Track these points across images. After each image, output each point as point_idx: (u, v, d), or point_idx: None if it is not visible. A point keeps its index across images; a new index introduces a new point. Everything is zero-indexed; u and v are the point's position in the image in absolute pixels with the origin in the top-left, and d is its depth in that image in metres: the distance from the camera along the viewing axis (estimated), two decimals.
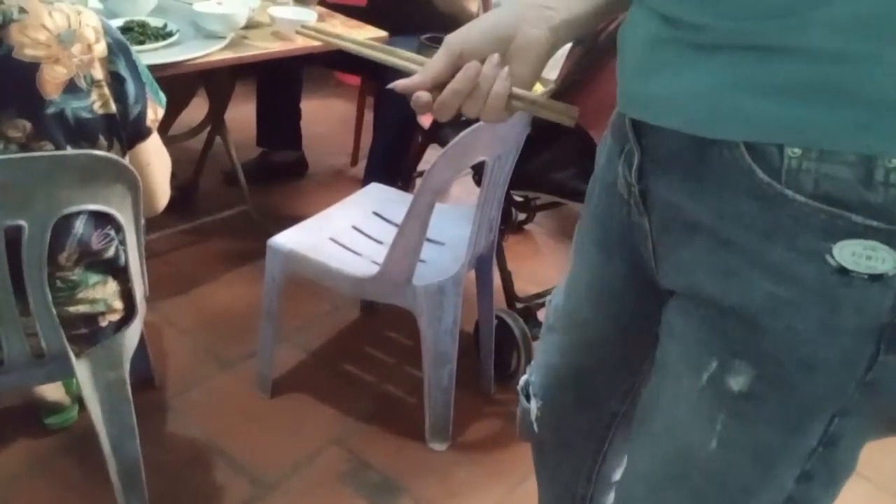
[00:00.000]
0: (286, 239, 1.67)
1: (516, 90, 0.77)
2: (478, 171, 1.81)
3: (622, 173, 0.79)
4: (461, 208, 1.86)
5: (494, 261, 1.89)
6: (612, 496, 1.12)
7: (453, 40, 0.79)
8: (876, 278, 0.59)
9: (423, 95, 0.79)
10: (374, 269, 1.58)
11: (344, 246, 1.73)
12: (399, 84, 0.81)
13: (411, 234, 1.48)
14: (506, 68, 0.77)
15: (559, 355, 1.00)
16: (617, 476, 1.09)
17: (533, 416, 1.05)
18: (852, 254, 0.59)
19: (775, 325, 0.64)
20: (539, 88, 2.08)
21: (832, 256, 0.60)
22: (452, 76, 0.78)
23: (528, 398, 1.06)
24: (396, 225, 1.62)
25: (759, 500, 0.73)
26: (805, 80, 0.57)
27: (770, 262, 0.63)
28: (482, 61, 0.77)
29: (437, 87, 0.79)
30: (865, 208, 0.57)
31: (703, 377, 0.71)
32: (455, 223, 1.76)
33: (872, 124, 0.56)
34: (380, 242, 1.75)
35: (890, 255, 0.58)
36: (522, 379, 1.08)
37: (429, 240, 1.63)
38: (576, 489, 1.13)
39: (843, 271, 0.60)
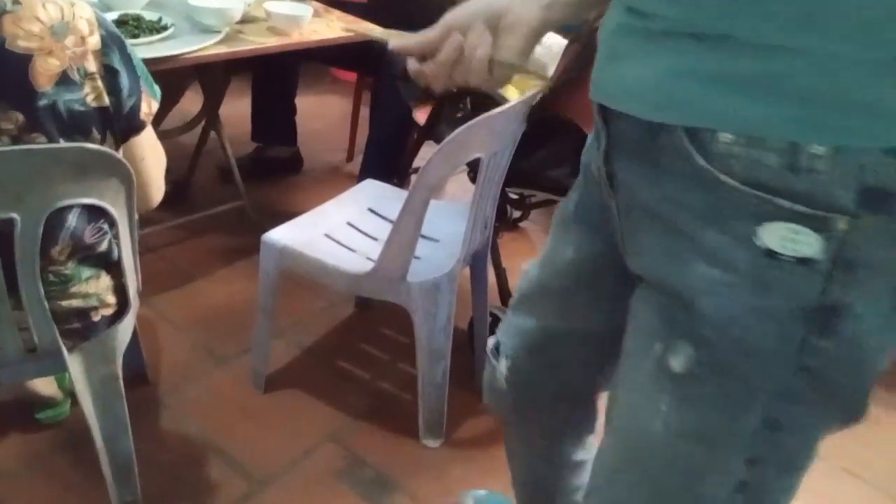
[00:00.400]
0: (280, 235, 1.66)
1: (498, 57, 0.82)
2: (473, 168, 1.81)
3: (594, 155, 0.83)
4: (456, 205, 1.86)
5: (489, 258, 1.88)
6: (576, 478, 1.15)
7: (448, 16, 0.85)
8: (803, 262, 0.61)
9: (414, 63, 0.87)
10: (369, 266, 1.57)
11: (339, 242, 1.72)
12: (395, 43, 0.89)
13: (406, 230, 1.48)
14: (488, 37, 0.81)
15: (533, 320, 1.02)
16: (578, 456, 1.13)
17: (502, 376, 1.07)
18: (779, 237, 0.61)
19: (711, 308, 0.66)
20: (536, 83, 2.08)
21: (760, 239, 0.62)
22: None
23: (497, 359, 1.08)
24: (391, 221, 1.62)
25: (709, 482, 0.74)
26: (738, 69, 0.60)
27: (706, 245, 0.65)
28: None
29: (431, 56, 0.86)
30: (790, 193, 0.60)
31: (650, 360, 0.73)
32: (450, 220, 1.76)
33: (799, 114, 0.58)
34: (374, 239, 1.75)
35: (815, 240, 0.60)
36: (491, 341, 1.09)
37: (423, 236, 1.63)
38: (536, 470, 1.16)
39: (771, 254, 0.62)
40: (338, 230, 1.76)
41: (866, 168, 0.58)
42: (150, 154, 1.25)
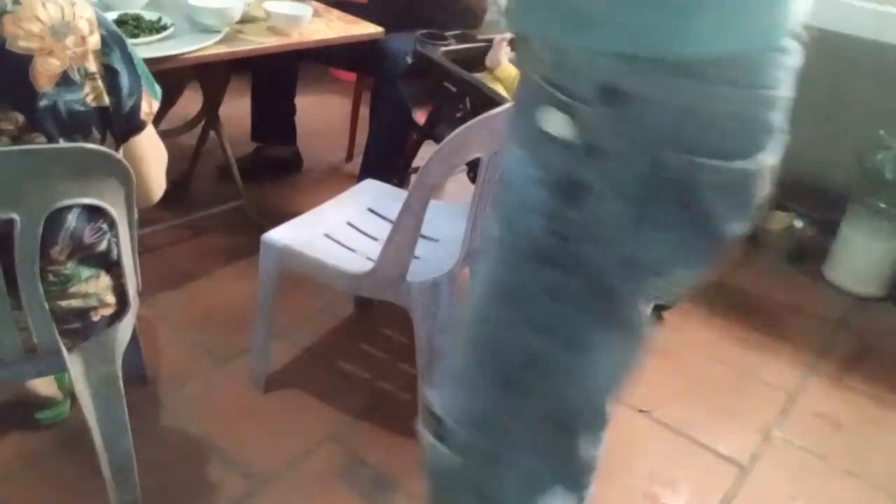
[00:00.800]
0: (280, 235, 1.66)
1: None
2: (473, 169, 1.81)
3: None
4: (456, 205, 1.85)
5: None
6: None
7: None
8: (563, 142, 0.77)
9: None
10: (369, 266, 1.57)
11: (338, 242, 1.72)
12: None
13: (406, 230, 1.48)
14: None
15: None
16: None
17: None
18: (547, 119, 0.78)
19: (507, 174, 0.87)
20: None
21: (538, 120, 0.79)
22: None
23: None
24: (391, 221, 1.61)
25: (506, 344, 0.88)
26: None
27: (517, 127, 0.86)
28: None
29: None
30: (556, 84, 0.77)
31: (484, 235, 0.92)
32: (450, 220, 1.75)
33: (566, 25, 0.75)
34: (374, 239, 1.75)
35: (568, 123, 0.76)
36: None
37: (423, 236, 1.62)
38: None
39: (544, 133, 0.78)
40: (338, 230, 1.76)
41: (601, 68, 0.73)
42: (150, 153, 1.25)
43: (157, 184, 1.29)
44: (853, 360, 2.18)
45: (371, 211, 1.86)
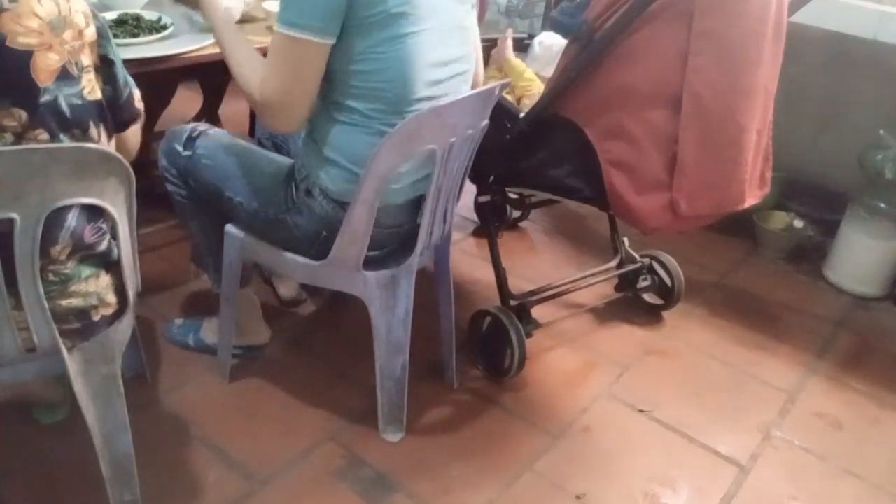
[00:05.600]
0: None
1: None
2: None
3: None
4: None
5: (451, 253, 1.86)
6: None
7: None
8: None
9: None
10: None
11: None
12: None
13: (359, 220, 1.47)
14: None
15: None
16: None
17: None
18: None
19: None
20: (538, 86, 2.08)
21: None
22: None
23: None
24: None
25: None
26: None
27: None
28: None
29: None
30: None
31: None
32: None
33: None
34: None
35: None
36: None
37: None
38: None
39: None
40: None
41: None
42: (137, 132, 1.32)
43: (137, 143, 1.37)
44: (853, 360, 2.18)
45: None
